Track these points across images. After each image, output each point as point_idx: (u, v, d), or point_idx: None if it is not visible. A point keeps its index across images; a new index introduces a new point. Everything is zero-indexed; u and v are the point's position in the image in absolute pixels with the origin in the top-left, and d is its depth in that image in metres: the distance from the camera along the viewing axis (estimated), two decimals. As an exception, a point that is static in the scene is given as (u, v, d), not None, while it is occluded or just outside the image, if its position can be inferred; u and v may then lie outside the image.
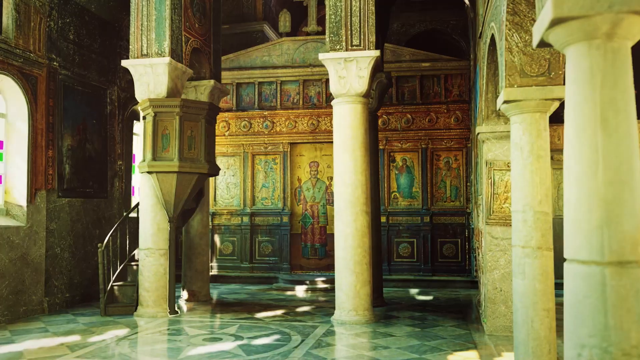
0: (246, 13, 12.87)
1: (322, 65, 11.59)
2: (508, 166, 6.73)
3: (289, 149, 11.82)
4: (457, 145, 11.25)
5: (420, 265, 11.24)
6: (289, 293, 10.19)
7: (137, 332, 6.75)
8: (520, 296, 4.76)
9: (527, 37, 4.70)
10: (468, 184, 11.14)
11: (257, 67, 11.93)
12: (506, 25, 4.67)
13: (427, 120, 11.33)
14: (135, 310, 7.78)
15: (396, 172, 11.44)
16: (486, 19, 6.25)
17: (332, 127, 11.60)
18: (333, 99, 12.04)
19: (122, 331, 6.77)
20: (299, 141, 11.84)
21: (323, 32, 12.71)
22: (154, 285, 7.72)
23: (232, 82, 11.86)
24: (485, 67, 6.65)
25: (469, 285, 10.65)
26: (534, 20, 4.64)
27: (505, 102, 4.80)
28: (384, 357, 5.49)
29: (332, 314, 7.74)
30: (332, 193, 11.79)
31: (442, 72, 11.33)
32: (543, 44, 2.82)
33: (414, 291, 10.38)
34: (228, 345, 6.03)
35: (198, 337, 6.44)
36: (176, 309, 7.98)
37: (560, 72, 4.73)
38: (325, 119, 11.68)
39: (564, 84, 4.72)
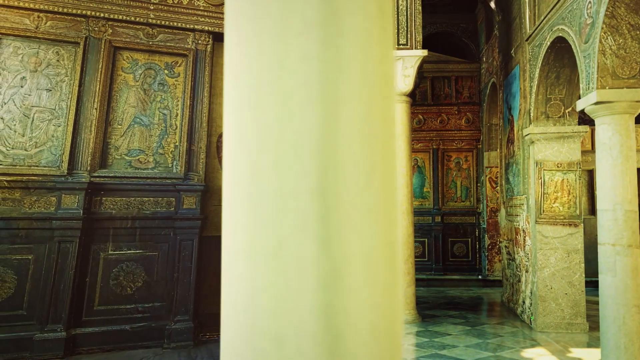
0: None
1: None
2: (558, 166, 6.90)
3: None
4: (468, 146, 11.43)
5: (431, 264, 11.35)
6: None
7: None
8: (611, 293, 4.87)
9: (620, 40, 4.82)
10: (478, 184, 11.34)
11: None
12: (602, 29, 4.77)
13: (438, 121, 11.46)
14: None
15: (408, 172, 11.50)
16: (546, 22, 6.37)
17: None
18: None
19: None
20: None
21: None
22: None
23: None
24: (537, 70, 6.77)
25: (481, 284, 10.84)
26: (630, 24, 4.76)
27: (596, 103, 4.92)
28: (460, 356, 5.49)
29: (369, 313, 7.70)
30: (342, 192, 11.72)
31: (453, 74, 11.50)
32: None
33: (431, 290, 10.45)
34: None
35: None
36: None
37: (651, 75, 4.88)
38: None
39: (654, 87, 4.90)
